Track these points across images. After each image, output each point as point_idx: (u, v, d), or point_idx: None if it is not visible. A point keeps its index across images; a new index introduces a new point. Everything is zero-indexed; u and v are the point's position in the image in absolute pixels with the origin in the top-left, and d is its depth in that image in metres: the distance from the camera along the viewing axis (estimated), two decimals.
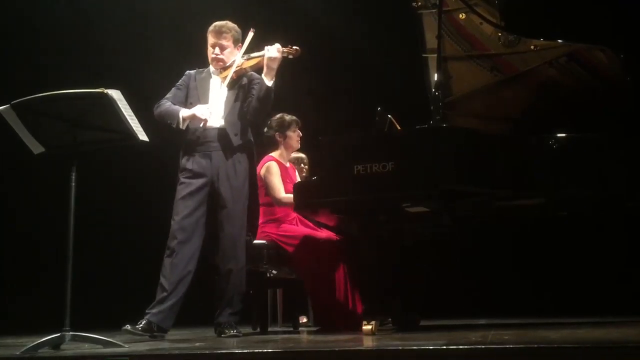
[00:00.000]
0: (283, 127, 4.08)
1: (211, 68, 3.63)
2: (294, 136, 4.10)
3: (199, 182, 3.46)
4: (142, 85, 4.80)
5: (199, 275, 3.46)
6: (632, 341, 2.34)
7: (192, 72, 3.68)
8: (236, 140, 3.51)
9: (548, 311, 4.51)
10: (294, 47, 3.52)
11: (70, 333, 2.80)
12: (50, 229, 4.36)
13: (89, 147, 3.06)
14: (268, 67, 3.48)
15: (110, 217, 5.72)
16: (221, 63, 3.59)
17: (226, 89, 3.56)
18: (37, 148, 3.01)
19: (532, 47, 3.50)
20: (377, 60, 5.69)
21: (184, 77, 3.67)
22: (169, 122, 3.53)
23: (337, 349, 2.48)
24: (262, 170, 3.99)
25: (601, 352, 2.13)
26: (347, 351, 2.44)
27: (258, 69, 3.56)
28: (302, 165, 4.43)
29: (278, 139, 4.08)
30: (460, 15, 3.58)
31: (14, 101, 2.90)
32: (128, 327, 3.22)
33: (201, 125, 3.45)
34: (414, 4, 3.61)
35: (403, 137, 3.28)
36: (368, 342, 2.77)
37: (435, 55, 3.43)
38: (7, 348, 3.19)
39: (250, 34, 3.55)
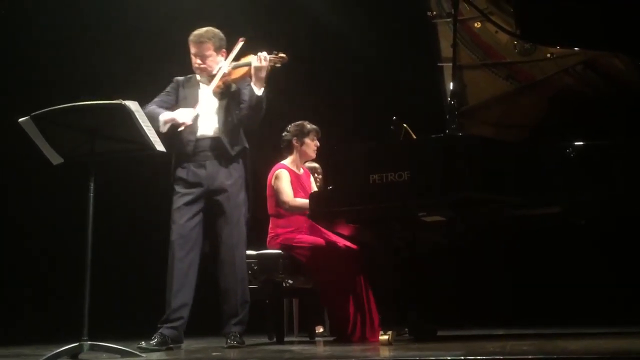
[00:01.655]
0: (302, 133, 4.07)
1: (197, 76, 3.60)
2: (312, 144, 4.09)
3: (194, 192, 3.44)
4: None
5: (211, 285, 3.46)
6: None
7: (180, 78, 3.64)
8: (231, 149, 3.49)
9: (567, 321, 4.46)
10: (280, 55, 3.48)
11: (89, 343, 2.81)
12: (69, 239, 4.38)
13: (106, 157, 3.09)
14: (256, 76, 3.44)
15: (128, 227, 5.75)
16: (205, 72, 3.55)
17: (216, 98, 3.53)
18: (56, 159, 3.04)
19: (548, 55, 3.49)
20: (392, 70, 5.70)
21: (172, 83, 3.63)
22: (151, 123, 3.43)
23: (353, 359, 2.47)
24: (271, 179, 3.99)
25: None
26: None
27: (245, 78, 3.50)
28: (316, 175, 4.43)
29: (295, 143, 4.07)
30: (476, 24, 3.58)
31: (34, 113, 2.94)
32: (142, 344, 3.21)
33: (180, 129, 3.41)
34: (429, 13, 3.61)
35: (418, 146, 3.28)
36: (385, 352, 2.75)
37: (451, 64, 3.43)
38: (26, 358, 3.22)
39: (240, 44, 3.51)
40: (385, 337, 3.07)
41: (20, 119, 2.95)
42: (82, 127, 2.95)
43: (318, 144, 4.12)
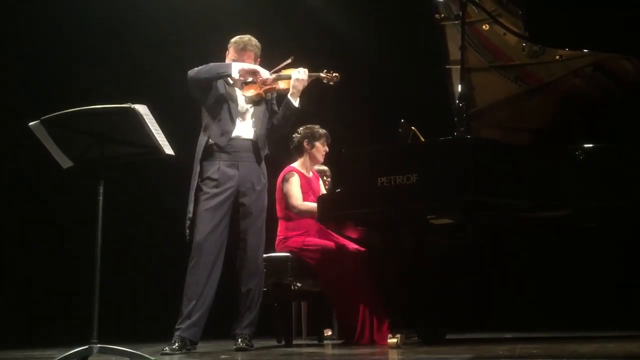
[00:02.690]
0: (313, 137, 4.08)
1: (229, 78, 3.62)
2: (321, 149, 4.11)
3: (225, 192, 3.46)
4: (168, 99, 4.86)
5: (227, 286, 3.47)
6: None
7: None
8: (263, 154, 3.58)
9: (577, 324, 4.44)
10: (335, 74, 3.63)
11: (98, 345, 2.82)
12: (78, 242, 4.41)
13: (116, 161, 3.10)
14: (295, 88, 3.56)
15: (137, 230, 5.77)
16: (242, 79, 3.60)
17: (250, 103, 3.59)
18: (65, 163, 3.05)
19: (556, 57, 3.47)
20: (400, 72, 5.69)
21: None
22: (215, 73, 3.48)
23: None
24: (281, 182, 4.00)
25: None
26: None
27: (285, 91, 3.62)
28: (325, 178, 4.43)
29: (305, 146, 4.08)
30: (484, 26, 3.57)
31: (44, 117, 2.96)
32: (167, 349, 3.23)
33: (265, 83, 3.51)
34: (436, 15, 3.61)
35: (427, 149, 3.27)
36: (393, 356, 2.75)
37: (459, 66, 3.42)
38: None
39: (288, 61, 3.62)
40: (394, 340, 3.07)
41: (31, 123, 2.97)
42: (92, 130, 2.96)
43: (327, 149, 4.13)
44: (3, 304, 5.32)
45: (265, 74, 3.56)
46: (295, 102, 3.57)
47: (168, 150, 3.04)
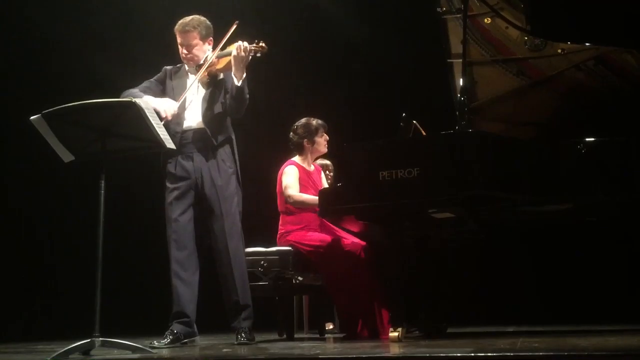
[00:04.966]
0: (310, 133, 4.06)
1: (186, 66, 3.56)
2: (322, 141, 4.10)
3: (183, 185, 3.42)
4: None
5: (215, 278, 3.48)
6: None
7: (169, 68, 3.60)
8: (216, 140, 3.44)
9: (579, 318, 4.44)
10: (261, 44, 3.37)
11: (100, 339, 2.83)
12: (80, 236, 4.42)
13: (117, 155, 3.11)
14: (236, 66, 3.35)
15: (139, 224, 5.78)
16: (192, 62, 3.51)
17: (203, 88, 3.49)
18: (67, 156, 3.06)
19: (559, 50, 3.46)
20: (402, 66, 5.68)
21: (161, 72, 3.60)
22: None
23: (363, 356, 2.47)
24: (281, 175, 4.00)
25: None
26: (373, 358, 2.43)
27: (229, 68, 3.41)
28: (328, 172, 4.42)
29: (306, 145, 4.07)
30: (486, 20, 3.56)
31: (45, 111, 2.96)
32: (155, 343, 3.22)
33: (161, 122, 3.29)
34: (438, 9, 3.60)
35: (428, 143, 3.27)
36: (394, 349, 2.75)
37: (461, 60, 3.42)
38: (38, 354, 3.24)
39: (233, 27, 3.41)
40: (395, 334, 3.07)
41: (32, 117, 2.97)
42: (93, 124, 2.97)
43: (327, 137, 4.12)
44: (6, 297, 5.33)
45: (168, 109, 3.34)
46: (238, 82, 3.33)
47: (169, 144, 3.05)
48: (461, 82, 3.37)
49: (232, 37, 3.42)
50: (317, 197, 3.59)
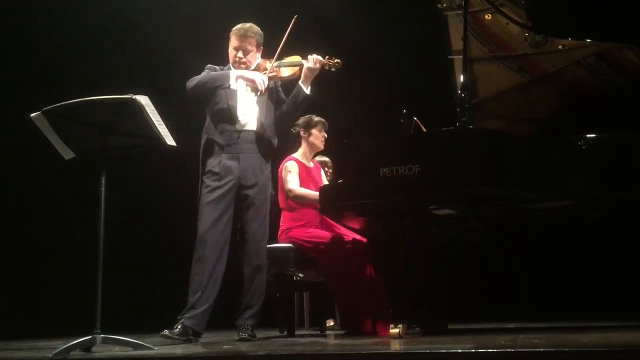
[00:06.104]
0: (309, 125, 4.08)
1: (232, 69, 3.62)
2: (319, 136, 4.11)
3: (226, 184, 3.46)
4: (167, 91, 4.86)
5: (230, 277, 3.48)
6: None
7: (217, 67, 3.66)
8: (270, 144, 3.57)
9: (579, 314, 4.44)
10: (336, 60, 3.58)
11: (101, 335, 2.84)
12: (81, 233, 4.42)
13: (118, 152, 3.11)
14: (306, 76, 3.54)
15: (139, 221, 5.79)
16: (243, 66, 3.59)
17: (253, 93, 3.55)
18: (67, 154, 3.06)
19: (559, 47, 3.45)
20: (402, 63, 5.68)
21: (210, 67, 3.64)
22: (213, 86, 3.49)
23: (364, 352, 2.47)
24: (281, 171, 4.00)
25: (634, 357, 2.09)
26: (374, 354, 2.43)
27: (292, 80, 3.59)
28: (327, 169, 4.43)
29: (302, 134, 4.08)
30: (486, 16, 3.55)
31: (45, 108, 2.96)
32: (166, 332, 3.24)
33: (257, 94, 3.49)
34: (439, 5, 3.60)
35: (429, 140, 3.27)
36: (395, 346, 2.76)
37: (461, 56, 3.41)
38: (39, 350, 3.25)
39: (292, 21, 3.55)
40: (396, 330, 3.07)
41: (32, 114, 2.97)
42: (94, 121, 2.97)
43: (326, 135, 4.13)
44: (7, 294, 5.34)
45: (262, 82, 3.49)
46: (307, 90, 3.56)
47: (170, 141, 3.04)
48: (462, 78, 3.37)
49: (291, 34, 3.54)
50: (318, 193, 3.59)
